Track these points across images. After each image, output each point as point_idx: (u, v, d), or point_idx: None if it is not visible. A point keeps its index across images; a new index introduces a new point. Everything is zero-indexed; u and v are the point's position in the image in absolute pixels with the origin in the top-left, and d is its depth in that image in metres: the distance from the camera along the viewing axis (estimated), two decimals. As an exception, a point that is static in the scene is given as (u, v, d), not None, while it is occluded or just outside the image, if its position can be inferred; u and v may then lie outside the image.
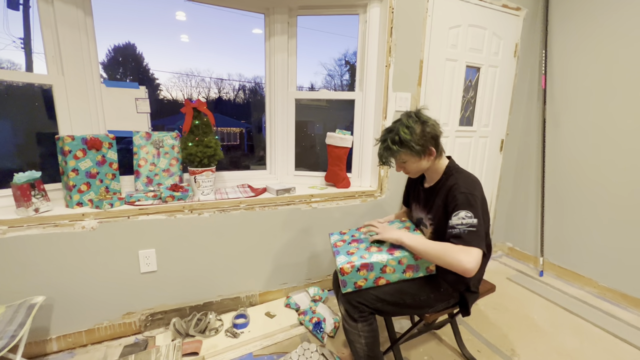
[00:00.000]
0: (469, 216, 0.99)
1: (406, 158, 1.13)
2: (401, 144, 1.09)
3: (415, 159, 1.12)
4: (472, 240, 0.97)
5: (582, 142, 2.07)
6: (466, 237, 0.97)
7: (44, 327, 1.38)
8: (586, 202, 2.06)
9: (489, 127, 2.32)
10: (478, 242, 0.97)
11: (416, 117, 1.11)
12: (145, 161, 1.65)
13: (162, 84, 2.58)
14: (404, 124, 1.10)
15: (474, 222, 0.98)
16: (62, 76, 1.46)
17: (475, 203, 1.02)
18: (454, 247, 0.98)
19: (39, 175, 1.33)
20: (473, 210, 1.00)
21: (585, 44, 2.01)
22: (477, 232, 0.98)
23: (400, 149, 1.10)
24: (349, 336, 1.14)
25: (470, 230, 0.98)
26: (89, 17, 1.50)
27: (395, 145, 1.10)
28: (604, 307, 1.88)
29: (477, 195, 1.04)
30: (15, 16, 1.55)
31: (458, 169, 1.17)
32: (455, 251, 0.97)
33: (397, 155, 1.12)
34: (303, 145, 2.18)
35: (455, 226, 1.00)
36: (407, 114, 1.14)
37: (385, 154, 1.14)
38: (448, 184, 1.12)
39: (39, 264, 1.33)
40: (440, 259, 0.99)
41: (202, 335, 1.52)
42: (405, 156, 1.12)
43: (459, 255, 0.95)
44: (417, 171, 1.18)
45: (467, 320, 1.73)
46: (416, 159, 1.12)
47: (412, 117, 1.11)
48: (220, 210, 1.62)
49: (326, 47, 2.25)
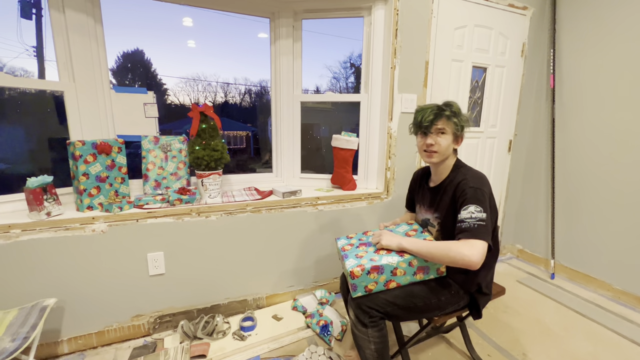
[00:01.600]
0: (478, 210, 1.00)
1: (448, 129, 1.13)
2: (453, 113, 1.12)
3: (452, 136, 1.14)
4: (479, 233, 0.98)
5: (592, 141, 2.03)
6: (474, 231, 0.98)
7: (55, 329, 1.41)
8: (598, 203, 2.02)
9: (496, 128, 2.30)
10: (484, 235, 0.98)
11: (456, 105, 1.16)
12: (154, 165, 1.67)
13: (169, 89, 2.62)
14: (450, 102, 1.15)
15: (483, 217, 0.99)
16: (73, 82, 1.50)
17: (483, 198, 1.03)
18: (457, 243, 0.99)
19: (50, 180, 1.36)
20: (482, 205, 1.01)
21: (595, 42, 1.98)
22: (485, 226, 0.99)
23: (452, 116, 1.12)
24: (358, 342, 1.12)
25: (480, 224, 0.98)
26: (99, 25, 1.54)
27: (450, 111, 1.12)
28: (619, 311, 1.83)
29: (486, 191, 1.05)
30: (28, 25, 1.60)
31: (465, 166, 1.18)
32: (458, 246, 0.98)
33: (447, 121, 1.12)
34: (309, 147, 2.18)
35: (464, 220, 1.01)
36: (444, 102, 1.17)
37: (440, 112, 1.13)
38: (456, 180, 1.12)
39: (50, 267, 1.35)
40: (445, 257, 1.00)
41: (210, 337, 1.53)
42: (449, 127, 1.13)
43: (462, 249, 0.96)
44: (444, 152, 1.16)
45: (476, 324, 1.70)
46: (452, 137, 1.15)
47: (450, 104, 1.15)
48: (227, 213, 1.63)
49: (331, 49, 2.26)
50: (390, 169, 1.94)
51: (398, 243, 1.09)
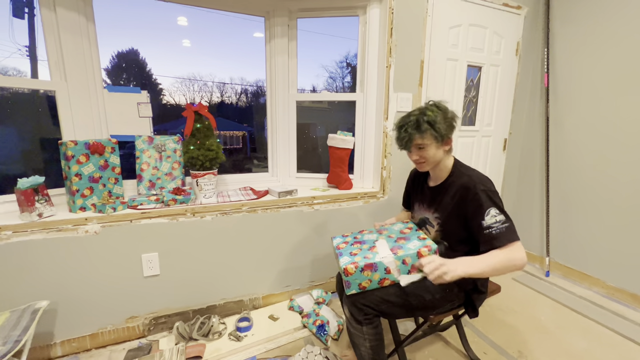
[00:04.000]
0: (498, 213, 1.02)
1: (428, 142, 1.11)
2: (428, 124, 1.09)
3: (435, 144, 1.12)
4: (511, 235, 0.99)
5: (586, 140, 2.04)
6: (507, 234, 0.99)
7: (48, 331, 1.39)
8: (592, 201, 2.03)
9: (491, 127, 2.31)
10: (516, 234, 1.00)
11: (437, 107, 1.13)
12: (148, 165, 1.65)
13: (165, 88, 2.60)
14: (428, 109, 1.11)
15: (504, 218, 1.01)
16: (65, 82, 1.48)
17: (495, 198, 1.05)
18: (505, 252, 0.99)
19: (42, 181, 1.35)
20: (498, 206, 1.03)
21: (589, 42, 1.99)
22: (510, 225, 1.00)
23: (428, 128, 1.09)
24: (354, 339, 1.12)
25: (506, 227, 1.00)
26: (91, 24, 1.52)
27: (425, 124, 1.09)
28: (613, 308, 1.85)
29: (495, 191, 1.07)
30: (21, 25, 1.58)
31: (466, 167, 1.18)
32: (507, 256, 0.98)
33: (422, 135, 1.10)
34: (305, 147, 2.18)
35: (491, 226, 1.01)
36: (427, 102, 1.16)
37: (412, 132, 1.10)
38: (459, 181, 1.12)
39: (42, 269, 1.33)
40: (505, 269, 0.99)
41: (206, 338, 1.52)
42: (428, 139, 1.11)
43: (512, 256, 0.98)
44: (433, 160, 1.15)
45: (472, 322, 1.70)
46: (436, 145, 1.12)
47: (433, 105, 1.13)
48: (222, 213, 1.62)
49: (327, 49, 2.27)
50: (386, 168, 1.94)
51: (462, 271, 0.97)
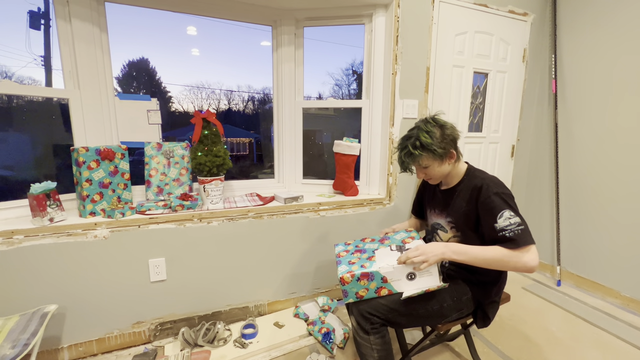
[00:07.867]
0: (513, 215, 1.00)
1: (428, 162, 1.12)
2: (423, 148, 1.09)
3: (437, 162, 1.12)
4: (527, 237, 0.98)
5: (596, 146, 2.01)
6: (521, 237, 0.98)
7: (56, 335, 1.40)
8: (605, 208, 1.99)
9: (499, 133, 2.29)
10: (530, 237, 0.99)
11: (433, 122, 1.12)
12: (156, 171, 1.68)
13: (174, 96, 2.65)
14: (422, 129, 1.11)
15: (519, 220, 1.00)
16: (78, 90, 1.52)
17: (510, 201, 1.04)
18: (514, 252, 0.97)
19: (54, 186, 1.37)
20: (512, 208, 1.02)
21: (597, 47, 1.98)
22: (525, 228, 0.99)
23: (422, 153, 1.09)
24: (361, 349, 1.10)
25: (521, 229, 0.98)
26: (104, 34, 1.57)
27: (417, 150, 1.09)
28: (628, 319, 1.79)
29: (509, 193, 1.06)
30: (37, 36, 1.64)
31: (480, 171, 1.18)
32: (517, 256, 0.97)
33: (419, 160, 1.11)
34: (311, 153, 2.19)
35: (505, 228, 0.99)
36: (423, 119, 1.15)
37: (407, 160, 1.13)
38: (472, 184, 1.11)
39: (52, 273, 1.35)
40: (504, 265, 0.99)
41: (211, 345, 1.51)
42: (428, 160, 1.11)
43: (524, 258, 0.96)
44: (440, 176, 1.16)
45: (482, 332, 1.67)
46: (438, 163, 1.12)
47: (429, 122, 1.12)
48: (228, 219, 1.63)
49: (333, 57, 2.30)
50: (392, 175, 1.93)
51: (441, 253, 1.01)
